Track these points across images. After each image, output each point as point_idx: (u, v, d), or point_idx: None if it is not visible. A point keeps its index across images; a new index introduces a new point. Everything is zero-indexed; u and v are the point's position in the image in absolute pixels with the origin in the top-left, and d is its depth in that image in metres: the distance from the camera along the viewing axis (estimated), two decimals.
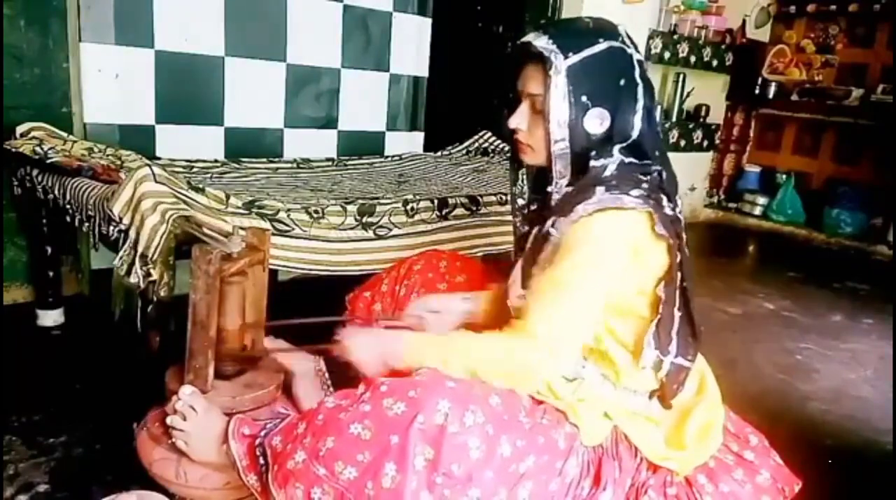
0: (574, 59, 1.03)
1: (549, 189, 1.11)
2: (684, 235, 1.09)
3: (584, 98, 1.03)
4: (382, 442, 0.90)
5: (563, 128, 1.05)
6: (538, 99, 1.07)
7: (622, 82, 1.05)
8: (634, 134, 1.06)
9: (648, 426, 1.09)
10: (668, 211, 1.05)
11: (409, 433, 0.90)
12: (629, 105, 1.06)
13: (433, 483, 0.90)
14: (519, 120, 1.12)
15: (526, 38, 1.08)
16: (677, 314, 1.08)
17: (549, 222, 1.08)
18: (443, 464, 0.90)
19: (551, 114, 1.04)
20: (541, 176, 1.19)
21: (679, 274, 1.06)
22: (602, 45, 1.05)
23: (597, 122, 1.05)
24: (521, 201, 1.26)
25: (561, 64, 1.03)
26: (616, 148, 1.06)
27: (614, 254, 1.03)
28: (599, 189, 1.03)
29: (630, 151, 1.07)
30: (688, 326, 1.10)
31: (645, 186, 1.04)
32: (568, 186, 1.09)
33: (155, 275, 1.36)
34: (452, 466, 0.90)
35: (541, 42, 1.05)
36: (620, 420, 1.08)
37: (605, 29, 1.08)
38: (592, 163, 1.05)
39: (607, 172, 1.05)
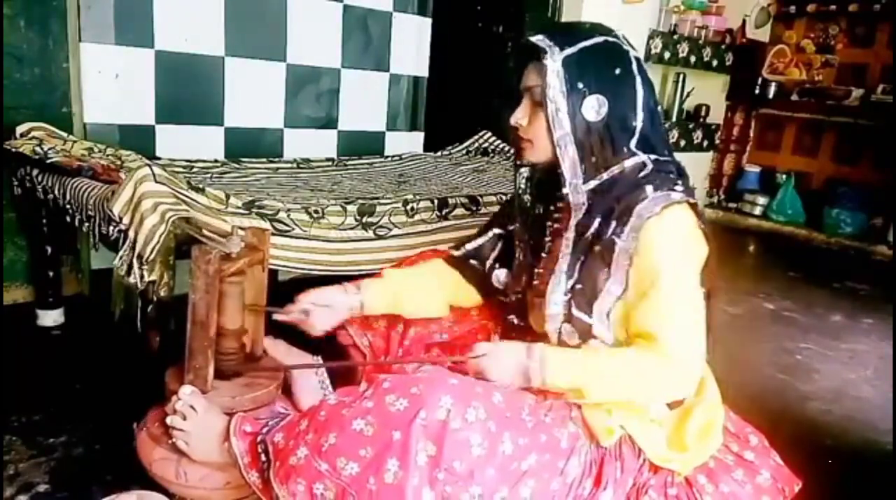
0: (570, 50, 1.05)
1: (564, 191, 1.09)
2: None
3: (580, 85, 1.04)
4: (385, 438, 0.91)
5: (562, 117, 1.05)
6: (537, 90, 1.08)
7: (618, 71, 1.06)
8: (638, 125, 1.07)
9: (652, 426, 1.09)
10: (699, 207, 1.08)
11: (411, 429, 0.90)
12: (627, 94, 1.06)
13: (435, 479, 0.90)
14: (519, 115, 1.13)
15: (526, 39, 1.09)
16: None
17: (596, 226, 1.07)
18: (445, 460, 0.90)
19: (549, 104, 1.05)
20: (546, 179, 1.18)
21: None
22: (598, 39, 1.07)
23: (594, 109, 1.05)
24: (523, 203, 1.24)
25: (557, 55, 1.04)
26: (633, 144, 1.07)
27: (696, 248, 1.06)
28: (648, 188, 1.04)
29: (645, 148, 1.08)
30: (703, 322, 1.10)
31: (679, 182, 1.07)
32: (593, 187, 1.08)
33: (153, 276, 1.36)
34: (454, 462, 0.90)
35: (539, 38, 1.06)
36: (625, 421, 1.07)
37: (601, 28, 1.10)
38: (628, 162, 1.07)
39: (644, 172, 1.06)
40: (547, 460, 0.99)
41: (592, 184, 1.08)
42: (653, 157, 1.08)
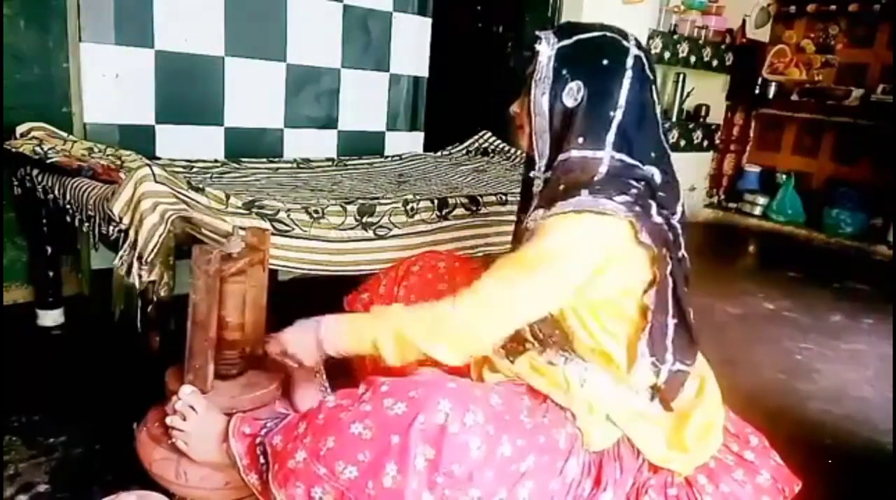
0: (566, 42, 1.06)
1: (531, 174, 1.12)
2: (681, 242, 1.08)
3: (564, 72, 1.05)
4: (383, 442, 0.91)
5: (542, 102, 1.06)
6: (530, 78, 1.09)
7: (606, 62, 1.05)
8: (616, 118, 1.04)
9: (650, 427, 1.09)
10: (656, 219, 1.02)
11: (409, 433, 0.90)
12: (610, 84, 1.04)
13: (434, 483, 0.90)
14: (515, 104, 1.14)
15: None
16: (671, 322, 1.06)
17: (532, 215, 1.09)
18: (443, 464, 0.90)
19: (534, 88, 1.06)
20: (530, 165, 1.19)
21: (671, 282, 1.04)
22: (596, 33, 1.07)
23: (571, 94, 1.05)
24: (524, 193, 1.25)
25: (553, 43, 1.06)
26: (608, 138, 1.03)
27: (579, 253, 1.01)
28: (584, 191, 1.01)
29: (622, 145, 1.04)
30: (684, 333, 1.08)
31: (634, 191, 1.01)
32: (548, 172, 1.08)
33: (153, 276, 1.36)
34: (453, 466, 0.90)
35: (544, 32, 1.08)
36: (623, 422, 1.07)
37: (608, 27, 1.09)
38: (576, 152, 1.04)
39: (598, 175, 1.02)
40: (545, 461, 0.99)
41: (549, 173, 1.09)
42: (618, 156, 1.03)
